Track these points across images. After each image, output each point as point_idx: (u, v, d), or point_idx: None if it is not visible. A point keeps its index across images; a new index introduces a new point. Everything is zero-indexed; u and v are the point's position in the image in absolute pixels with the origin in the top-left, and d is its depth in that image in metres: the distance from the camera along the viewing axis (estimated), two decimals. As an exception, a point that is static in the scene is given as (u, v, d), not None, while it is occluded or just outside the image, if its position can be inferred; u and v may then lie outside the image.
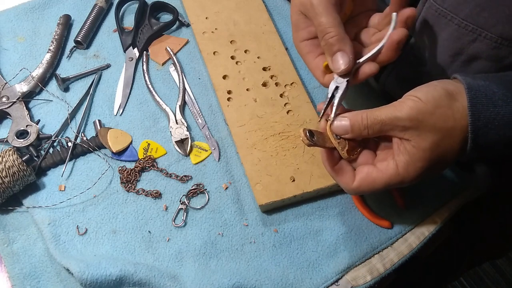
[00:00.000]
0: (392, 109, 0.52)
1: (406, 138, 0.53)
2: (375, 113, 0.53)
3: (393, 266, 0.64)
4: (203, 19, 0.81)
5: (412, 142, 0.52)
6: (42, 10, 0.83)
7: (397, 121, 0.52)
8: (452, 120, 0.51)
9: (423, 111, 0.51)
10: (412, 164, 0.53)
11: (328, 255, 0.64)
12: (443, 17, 0.59)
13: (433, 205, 0.68)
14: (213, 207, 0.67)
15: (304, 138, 0.53)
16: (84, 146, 0.69)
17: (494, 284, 1.63)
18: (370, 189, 0.56)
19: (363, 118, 0.54)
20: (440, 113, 0.51)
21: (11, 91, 0.73)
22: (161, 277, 0.60)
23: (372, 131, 0.54)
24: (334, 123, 0.55)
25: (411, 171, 0.53)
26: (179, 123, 0.72)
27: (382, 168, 0.55)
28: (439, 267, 1.02)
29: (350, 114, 0.55)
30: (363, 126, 0.54)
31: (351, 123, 0.54)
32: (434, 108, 0.51)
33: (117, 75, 0.77)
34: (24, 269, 0.61)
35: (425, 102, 0.51)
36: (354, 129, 0.54)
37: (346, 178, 0.56)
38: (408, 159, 0.53)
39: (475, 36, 0.57)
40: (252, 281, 0.62)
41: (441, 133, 0.51)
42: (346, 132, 0.55)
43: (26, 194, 0.66)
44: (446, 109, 0.51)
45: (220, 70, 0.76)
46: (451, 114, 0.51)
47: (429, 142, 0.52)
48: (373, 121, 0.53)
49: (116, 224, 0.65)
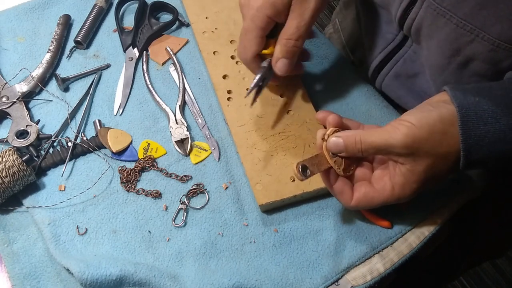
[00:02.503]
0: (386, 135, 0.53)
1: (401, 162, 0.54)
2: (369, 138, 0.54)
3: (393, 266, 0.64)
4: (203, 19, 0.81)
5: (407, 166, 0.54)
6: (42, 10, 0.83)
7: (392, 148, 0.53)
8: (446, 145, 0.52)
9: (418, 138, 0.52)
10: (408, 185, 0.55)
11: (328, 254, 0.64)
12: (442, 16, 0.59)
13: (433, 205, 0.68)
14: (213, 207, 0.67)
15: (298, 174, 0.54)
16: (84, 146, 0.69)
17: (494, 284, 1.64)
18: (368, 206, 0.59)
19: (356, 141, 0.55)
20: (434, 139, 0.52)
21: (11, 91, 0.73)
22: (161, 277, 0.60)
23: (366, 154, 0.56)
24: (329, 142, 0.57)
25: (407, 191, 0.56)
26: (179, 123, 0.72)
27: (379, 188, 0.57)
28: (439, 267, 1.02)
29: (344, 134, 0.56)
30: (357, 149, 0.55)
31: (345, 143, 0.56)
32: (428, 135, 0.52)
33: (117, 75, 0.77)
34: (24, 269, 0.61)
35: (419, 128, 0.52)
36: (348, 150, 0.56)
37: (345, 196, 0.58)
38: (403, 181, 0.55)
39: (473, 36, 0.57)
40: (252, 281, 0.62)
41: (435, 158, 0.53)
42: (340, 150, 0.56)
43: (26, 194, 0.66)
44: (440, 135, 0.52)
45: (220, 69, 0.76)
46: (445, 140, 0.52)
47: (424, 166, 0.53)
48: (367, 146, 0.55)
49: (116, 224, 0.65)
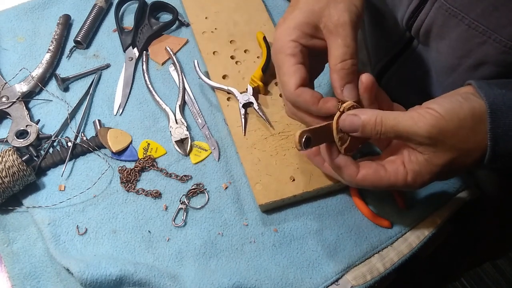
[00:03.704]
0: (410, 122, 0.50)
1: (420, 151, 0.51)
2: (391, 121, 0.50)
3: (393, 266, 0.64)
4: (202, 19, 0.81)
5: (425, 156, 0.51)
6: (42, 10, 0.83)
7: (415, 136, 0.50)
8: (473, 142, 0.49)
9: (445, 130, 0.49)
10: (420, 176, 0.52)
11: (328, 254, 0.64)
12: (454, 17, 0.58)
13: (433, 204, 0.68)
14: (213, 207, 0.67)
15: (298, 144, 0.50)
16: (84, 146, 0.69)
17: (494, 284, 1.63)
18: (373, 185, 0.54)
19: (377, 123, 0.51)
20: (462, 135, 0.49)
21: (11, 91, 0.73)
22: (161, 277, 0.60)
23: (384, 136, 0.51)
24: (344, 118, 0.52)
25: (418, 180, 0.52)
26: (179, 122, 0.72)
27: (391, 170, 0.53)
28: (439, 267, 1.02)
29: (364, 113, 0.52)
30: (376, 132, 0.51)
31: (363, 123, 0.51)
32: (457, 129, 0.49)
33: (117, 75, 0.77)
34: (24, 269, 0.61)
35: (448, 121, 0.49)
36: (365, 131, 0.52)
37: (350, 170, 0.54)
38: (417, 170, 0.52)
39: (484, 38, 0.56)
40: (252, 281, 0.62)
41: (458, 153, 0.50)
42: (354, 130, 0.52)
43: (26, 194, 0.66)
44: (469, 131, 0.49)
45: (220, 69, 0.76)
46: (473, 137, 0.49)
47: (444, 160, 0.50)
48: (388, 129, 0.51)
49: (116, 224, 0.65)
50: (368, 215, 0.66)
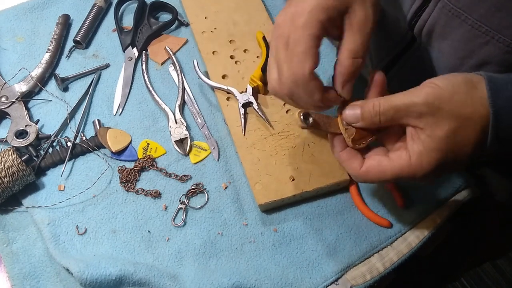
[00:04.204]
0: (409, 94, 0.51)
1: (421, 126, 0.50)
2: (389, 99, 0.51)
3: (393, 265, 0.64)
4: (202, 19, 0.81)
5: (427, 131, 0.50)
6: (41, 10, 0.83)
7: (413, 106, 0.50)
8: (471, 107, 0.49)
9: (441, 96, 0.49)
10: (426, 155, 0.50)
11: (327, 254, 0.64)
12: (457, 17, 0.58)
13: (432, 204, 0.68)
14: (213, 207, 0.67)
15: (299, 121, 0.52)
16: (83, 146, 0.69)
17: (494, 284, 1.63)
18: (378, 178, 0.53)
19: (375, 105, 0.52)
20: (457, 99, 0.49)
21: (10, 91, 0.73)
22: (160, 277, 0.60)
23: (384, 117, 0.52)
24: (345, 111, 0.54)
25: (424, 162, 0.50)
26: (179, 122, 0.72)
27: (394, 157, 0.52)
28: (439, 267, 1.02)
29: (362, 101, 0.54)
30: (375, 113, 0.52)
31: (361, 111, 0.53)
32: (452, 94, 0.49)
33: (116, 75, 0.77)
34: (24, 269, 0.61)
35: (443, 88, 0.49)
36: (365, 117, 0.53)
37: (354, 163, 0.54)
38: (422, 149, 0.50)
39: (487, 38, 0.56)
40: (251, 281, 0.62)
41: (458, 121, 0.49)
42: (356, 120, 0.53)
43: (26, 194, 0.66)
44: (465, 95, 0.49)
45: (220, 69, 0.76)
46: (470, 101, 0.49)
47: (445, 130, 0.49)
48: (386, 107, 0.51)
49: (115, 224, 0.65)
50: (367, 215, 0.66)
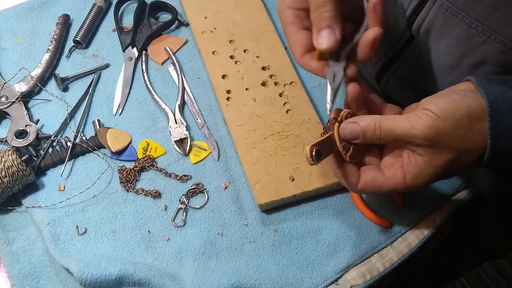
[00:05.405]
0: (407, 124, 0.50)
1: (419, 153, 0.51)
2: (389, 125, 0.51)
3: (393, 265, 0.64)
4: (202, 19, 0.81)
5: (425, 158, 0.51)
6: (41, 10, 0.83)
7: (413, 138, 0.50)
8: (471, 142, 0.49)
9: (441, 131, 0.49)
10: (421, 178, 0.52)
11: (327, 254, 0.64)
12: (454, 16, 0.58)
13: (432, 204, 0.68)
14: (213, 207, 0.67)
15: (309, 158, 0.51)
16: (83, 146, 0.69)
17: (494, 284, 1.63)
18: (374, 192, 0.56)
19: (376, 128, 0.52)
20: (459, 135, 0.49)
21: (10, 91, 0.73)
22: (160, 277, 0.60)
23: (384, 141, 0.52)
24: (344, 126, 0.53)
25: (419, 182, 0.53)
26: (179, 122, 0.72)
27: (389, 175, 0.54)
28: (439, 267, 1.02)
29: (363, 119, 0.53)
30: (376, 136, 0.52)
31: (363, 129, 0.52)
32: (453, 129, 0.49)
33: (116, 75, 0.77)
34: (24, 269, 0.61)
35: (444, 121, 0.49)
36: (366, 137, 0.52)
37: (351, 179, 0.55)
38: (417, 172, 0.52)
39: (485, 38, 0.56)
40: (251, 281, 0.62)
41: (457, 153, 0.50)
42: (355, 137, 0.53)
43: (26, 194, 0.66)
44: (466, 130, 0.49)
45: (219, 69, 0.76)
46: (470, 136, 0.49)
47: (443, 160, 0.50)
48: (386, 133, 0.51)
49: (115, 224, 0.65)
50: (367, 215, 0.66)
